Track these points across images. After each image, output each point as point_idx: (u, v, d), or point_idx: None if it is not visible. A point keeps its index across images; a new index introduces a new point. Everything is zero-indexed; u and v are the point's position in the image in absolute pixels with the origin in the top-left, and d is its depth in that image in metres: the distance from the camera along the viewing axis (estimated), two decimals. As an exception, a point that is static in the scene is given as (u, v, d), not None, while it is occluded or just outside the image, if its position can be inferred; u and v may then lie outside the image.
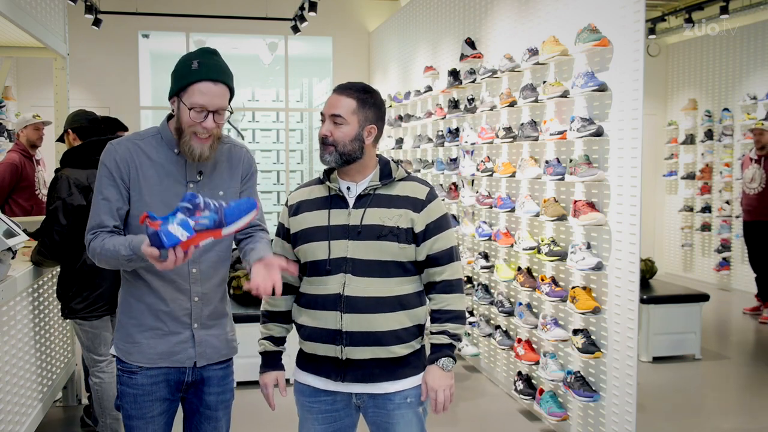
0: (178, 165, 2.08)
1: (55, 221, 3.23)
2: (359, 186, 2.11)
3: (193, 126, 1.99)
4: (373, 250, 2.03)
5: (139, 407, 2.12)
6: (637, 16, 3.36)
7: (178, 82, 2.01)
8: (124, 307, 2.14)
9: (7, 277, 3.05)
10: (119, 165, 2.04)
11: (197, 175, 2.10)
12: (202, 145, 2.02)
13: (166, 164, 2.07)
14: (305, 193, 2.18)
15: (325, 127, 2.07)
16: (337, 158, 2.05)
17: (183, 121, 2.01)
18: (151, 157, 2.06)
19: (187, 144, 2.01)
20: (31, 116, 5.30)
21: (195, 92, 1.97)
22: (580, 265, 3.64)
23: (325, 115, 2.08)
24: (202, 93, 1.97)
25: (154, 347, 2.09)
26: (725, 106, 8.44)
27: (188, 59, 2.01)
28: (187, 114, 1.99)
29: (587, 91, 3.59)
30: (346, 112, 2.05)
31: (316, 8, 7.62)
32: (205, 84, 1.97)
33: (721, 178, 8.38)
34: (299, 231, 2.13)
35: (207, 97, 1.97)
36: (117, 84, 8.98)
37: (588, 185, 3.74)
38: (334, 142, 2.05)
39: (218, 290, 2.19)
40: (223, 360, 2.22)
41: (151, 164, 2.05)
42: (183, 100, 1.99)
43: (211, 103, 1.98)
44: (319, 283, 2.08)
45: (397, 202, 2.08)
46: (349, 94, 2.07)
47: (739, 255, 8.18)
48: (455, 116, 5.46)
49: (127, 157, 2.05)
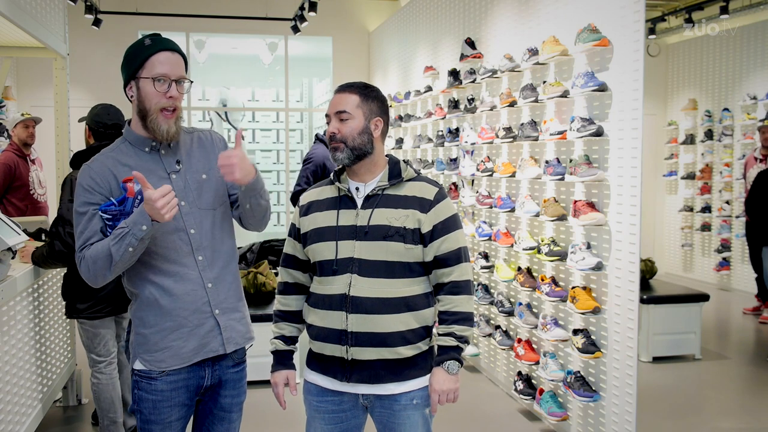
0: (155, 161, 2.10)
1: (67, 224, 3.17)
2: (368, 186, 2.11)
3: (159, 100, 2.02)
4: (379, 251, 2.04)
5: (158, 413, 2.11)
6: (637, 16, 3.36)
7: (133, 63, 2.04)
8: (139, 321, 2.11)
9: (7, 277, 3.05)
10: (96, 180, 2.04)
11: (176, 165, 2.12)
12: (168, 121, 2.05)
13: (143, 164, 2.08)
14: (316, 193, 2.20)
15: (332, 125, 2.09)
16: (349, 154, 2.07)
17: (148, 99, 2.03)
18: (126, 162, 2.07)
19: (154, 122, 2.04)
20: (20, 114, 5.31)
21: (155, 63, 2.02)
22: (580, 265, 3.64)
23: (330, 114, 2.10)
24: (162, 62, 2.02)
25: (185, 345, 2.09)
26: (725, 106, 8.44)
27: (139, 41, 2.07)
28: (151, 87, 2.02)
29: (587, 91, 3.59)
30: (350, 107, 2.07)
31: (316, 8, 7.62)
32: (163, 54, 2.03)
33: (721, 178, 8.38)
34: (309, 231, 2.14)
35: (167, 66, 2.03)
36: (117, 84, 8.79)
37: (588, 185, 3.74)
38: (343, 138, 2.06)
39: (228, 271, 2.18)
40: (238, 362, 2.23)
41: (127, 169, 2.05)
42: (143, 75, 2.02)
43: (173, 72, 2.04)
44: (326, 283, 2.09)
45: (405, 202, 2.08)
46: (351, 90, 2.10)
47: (739, 255, 8.18)
48: (455, 116, 5.46)
49: (103, 171, 2.05)
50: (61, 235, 3.20)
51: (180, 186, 2.10)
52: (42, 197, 5.48)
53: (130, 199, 2.00)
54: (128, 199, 2.00)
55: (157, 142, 2.09)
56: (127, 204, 1.99)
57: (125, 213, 1.99)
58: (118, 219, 1.99)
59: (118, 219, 1.99)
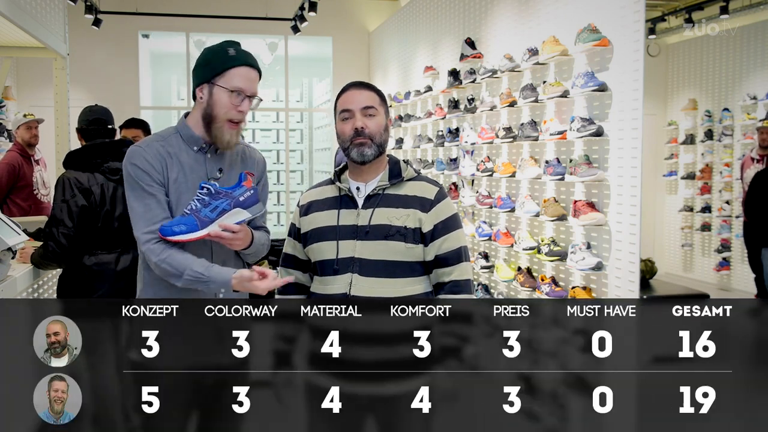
0: (199, 162, 2.11)
1: (61, 224, 3.14)
2: (368, 186, 2.11)
3: (229, 111, 2.06)
4: (380, 250, 2.04)
5: None
6: (637, 16, 3.36)
7: (214, 68, 2.06)
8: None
9: (7, 277, 3.05)
10: (152, 163, 2.06)
11: (218, 172, 2.13)
12: (231, 132, 2.08)
13: (188, 162, 2.10)
14: (316, 193, 2.20)
15: (360, 119, 2.07)
16: (375, 150, 2.08)
17: (218, 107, 2.06)
18: (175, 155, 2.09)
19: (219, 130, 2.07)
20: (22, 116, 5.31)
21: (235, 76, 2.06)
22: (580, 265, 3.64)
23: (354, 110, 2.08)
24: (242, 77, 2.07)
25: None
26: (725, 106, 8.44)
27: (222, 47, 2.09)
28: (225, 98, 2.05)
29: (587, 91, 3.59)
30: (376, 103, 2.09)
31: (316, 8, 7.62)
32: (244, 68, 2.07)
33: (721, 178, 8.38)
34: (309, 231, 2.14)
35: (246, 82, 2.07)
36: (117, 84, 8.98)
37: (588, 185, 3.74)
38: (371, 134, 2.07)
39: None
40: None
41: (176, 163, 2.08)
42: (220, 84, 2.05)
43: (249, 88, 2.08)
44: (327, 282, 2.09)
45: (405, 201, 2.08)
46: (369, 88, 2.12)
47: (739, 255, 8.18)
48: (455, 116, 5.45)
49: (157, 156, 2.07)
50: (55, 235, 3.16)
51: None
52: (45, 197, 5.48)
53: (244, 187, 2.05)
54: (243, 187, 2.05)
55: (207, 145, 2.11)
56: (237, 191, 2.04)
57: (230, 197, 2.03)
58: (217, 198, 2.01)
59: (217, 198, 2.01)
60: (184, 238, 1.97)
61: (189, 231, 1.98)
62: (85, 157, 3.32)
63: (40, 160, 5.49)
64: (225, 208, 2.01)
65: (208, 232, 1.99)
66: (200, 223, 1.99)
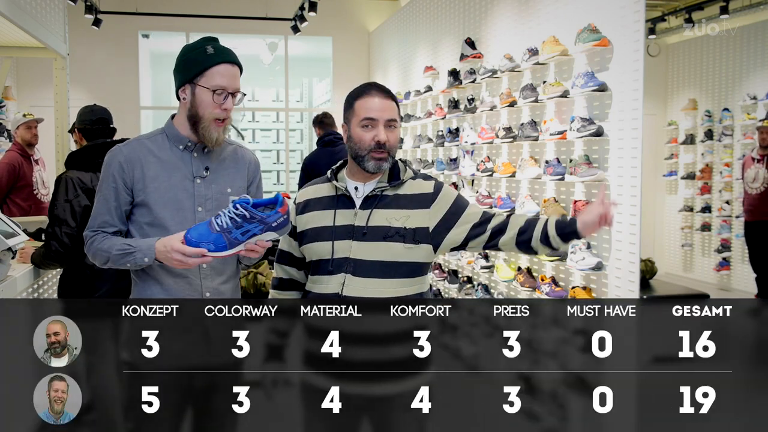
0: (185, 161, 2.12)
1: (63, 224, 3.14)
2: (367, 186, 2.10)
3: (214, 110, 2.06)
4: (377, 251, 2.03)
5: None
6: (637, 16, 3.36)
7: (193, 68, 2.06)
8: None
9: (7, 277, 3.05)
10: (123, 166, 2.08)
11: (204, 171, 2.13)
12: (218, 130, 2.09)
13: (172, 160, 2.10)
14: (312, 191, 2.18)
15: (383, 132, 2.04)
16: (390, 163, 2.07)
17: (202, 107, 2.06)
18: (157, 154, 2.10)
19: (206, 129, 2.07)
20: (21, 115, 5.31)
21: (215, 75, 2.05)
22: (580, 265, 3.64)
23: (379, 121, 2.04)
24: (223, 75, 2.05)
25: None
26: (725, 106, 8.44)
27: (200, 46, 2.08)
28: (209, 97, 2.05)
29: (587, 91, 3.59)
30: (397, 115, 2.08)
31: (316, 8, 7.62)
32: (224, 66, 2.06)
33: (721, 178, 8.38)
34: (305, 230, 2.13)
35: (227, 79, 2.06)
36: (117, 84, 8.98)
37: (588, 185, 3.74)
38: (390, 148, 2.05)
39: (229, 284, 2.19)
40: None
41: (156, 161, 2.09)
42: (201, 84, 2.05)
43: (231, 85, 2.07)
44: (320, 282, 2.09)
45: (404, 202, 2.08)
46: (391, 97, 2.09)
47: (739, 255, 8.18)
48: (455, 116, 5.46)
49: (132, 157, 2.08)
50: (58, 235, 3.17)
51: (201, 192, 2.11)
52: (45, 197, 5.48)
53: (279, 214, 1.97)
54: (278, 213, 1.97)
55: (192, 143, 2.12)
56: (271, 217, 1.96)
57: (264, 222, 1.96)
58: (251, 222, 1.95)
59: (251, 222, 1.95)
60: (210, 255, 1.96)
61: (216, 250, 1.95)
62: (88, 156, 3.33)
63: (39, 159, 5.49)
64: (256, 233, 1.96)
65: (236, 251, 1.97)
66: (229, 243, 1.95)
